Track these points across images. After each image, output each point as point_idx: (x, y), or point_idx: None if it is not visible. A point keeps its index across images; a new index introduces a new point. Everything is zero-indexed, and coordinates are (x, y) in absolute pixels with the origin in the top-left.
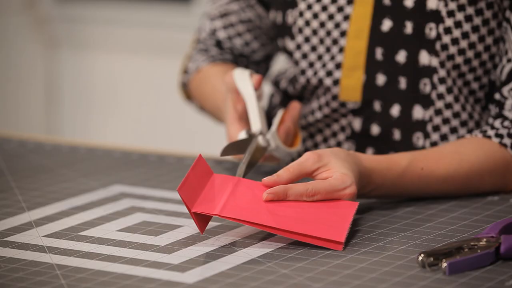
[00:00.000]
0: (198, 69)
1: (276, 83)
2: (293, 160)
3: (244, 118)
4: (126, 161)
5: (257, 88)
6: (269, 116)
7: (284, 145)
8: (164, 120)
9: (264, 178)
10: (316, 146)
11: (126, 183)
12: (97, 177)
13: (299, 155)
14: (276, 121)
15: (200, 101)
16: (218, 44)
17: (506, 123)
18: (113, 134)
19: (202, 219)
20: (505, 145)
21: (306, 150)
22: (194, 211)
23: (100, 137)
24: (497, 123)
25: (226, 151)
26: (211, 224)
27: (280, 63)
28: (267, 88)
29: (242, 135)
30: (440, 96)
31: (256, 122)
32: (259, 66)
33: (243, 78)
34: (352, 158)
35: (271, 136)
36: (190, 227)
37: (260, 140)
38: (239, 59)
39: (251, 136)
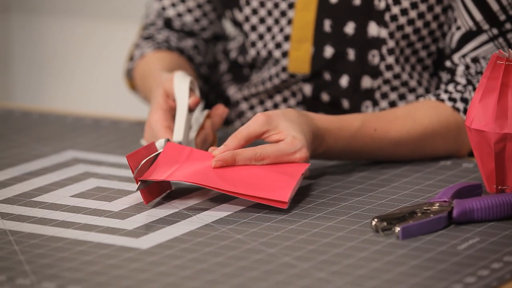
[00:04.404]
0: (142, 55)
1: (224, 51)
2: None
3: (170, 113)
4: (79, 127)
5: (192, 108)
6: (216, 84)
7: None
8: (117, 85)
9: (213, 152)
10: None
11: (79, 148)
12: (50, 143)
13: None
14: (196, 126)
15: (140, 85)
16: (168, 23)
17: (459, 87)
18: (66, 100)
19: (148, 191)
20: (458, 110)
21: None
22: (140, 179)
23: (52, 102)
24: (450, 87)
25: (141, 171)
26: None
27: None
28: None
29: (161, 143)
30: (389, 67)
31: (179, 133)
32: (208, 45)
33: (182, 85)
34: (304, 118)
35: (187, 144)
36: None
37: None
38: (188, 40)
39: None
